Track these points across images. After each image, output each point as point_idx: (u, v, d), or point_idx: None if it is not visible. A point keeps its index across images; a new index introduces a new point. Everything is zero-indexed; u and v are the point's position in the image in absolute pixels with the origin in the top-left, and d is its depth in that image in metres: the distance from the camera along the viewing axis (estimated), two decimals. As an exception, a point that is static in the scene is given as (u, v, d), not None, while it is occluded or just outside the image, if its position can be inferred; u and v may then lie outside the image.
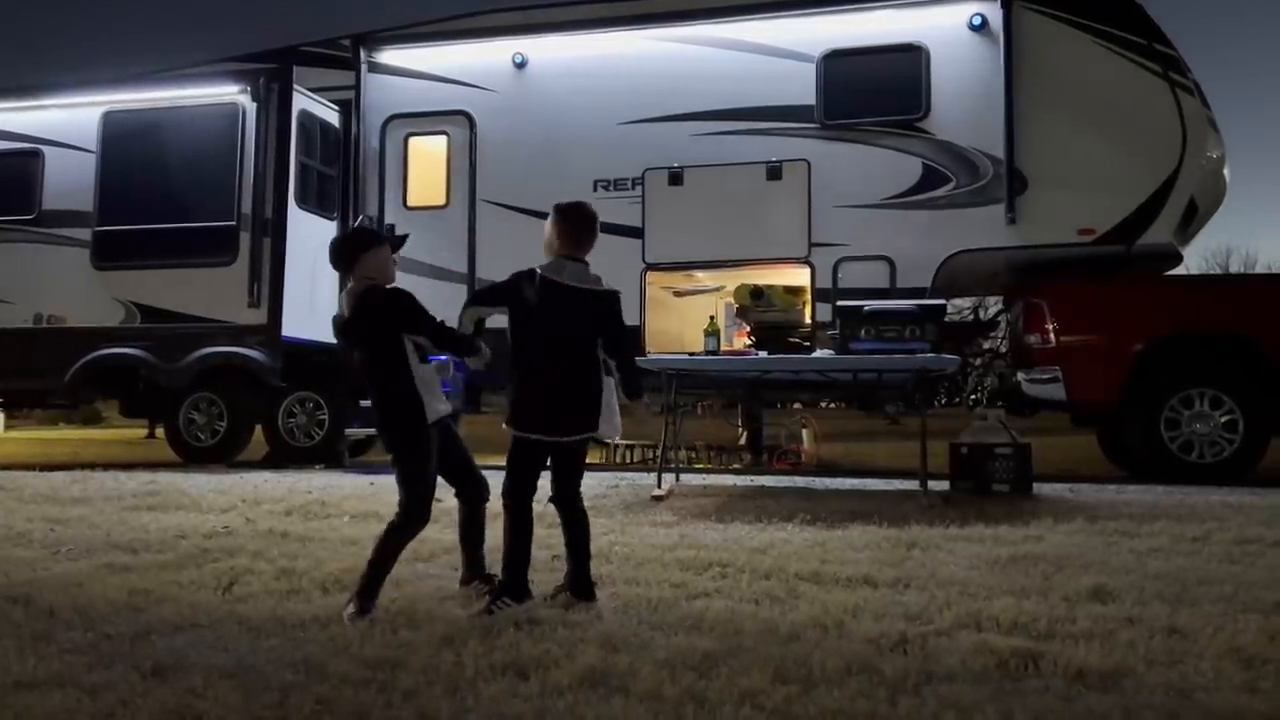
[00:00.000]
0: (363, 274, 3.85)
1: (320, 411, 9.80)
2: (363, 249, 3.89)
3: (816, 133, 8.90)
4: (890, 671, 2.82)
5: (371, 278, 3.85)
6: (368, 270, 3.85)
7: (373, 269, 3.86)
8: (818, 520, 5.62)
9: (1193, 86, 8.22)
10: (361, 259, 3.85)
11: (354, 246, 3.93)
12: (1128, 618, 3.41)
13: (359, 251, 3.88)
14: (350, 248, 3.92)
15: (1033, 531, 5.16)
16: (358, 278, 3.85)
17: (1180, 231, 8.49)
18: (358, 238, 4.14)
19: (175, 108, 9.89)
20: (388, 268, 3.92)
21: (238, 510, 6.32)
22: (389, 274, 3.92)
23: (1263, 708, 2.50)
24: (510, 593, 3.67)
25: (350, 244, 3.97)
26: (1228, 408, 7.63)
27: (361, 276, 3.84)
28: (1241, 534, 4.95)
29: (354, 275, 3.86)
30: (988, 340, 13.72)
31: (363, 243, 3.96)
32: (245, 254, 9.53)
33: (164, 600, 3.87)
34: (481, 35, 9.79)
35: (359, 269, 3.85)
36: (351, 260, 3.86)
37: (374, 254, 3.88)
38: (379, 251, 3.89)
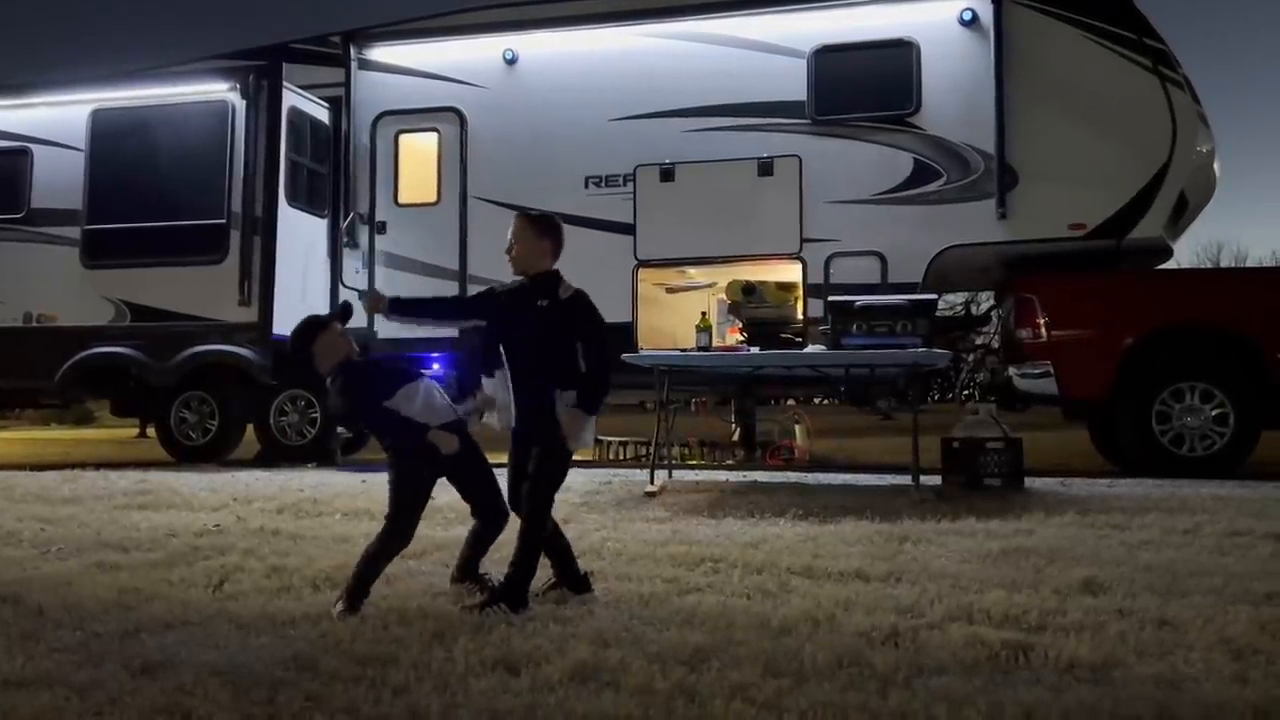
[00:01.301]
0: (325, 362, 3.81)
1: (312, 410, 9.77)
2: (310, 342, 3.82)
3: (808, 128, 8.90)
4: (881, 664, 2.82)
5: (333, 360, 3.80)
6: (326, 358, 3.81)
7: (329, 355, 3.81)
8: (810, 515, 5.62)
9: (1183, 81, 8.24)
10: (314, 352, 3.80)
11: (301, 343, 3.84)
12: (1118, 610, 3.42)
13: (308, 345, 3.81)
14: (299, 345, 3.84)
15: (1024, 525, 5.17)
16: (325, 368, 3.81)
17: (1170, 226, 8.51)
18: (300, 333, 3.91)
19: (164, 105, 9.84)
20: (339, 347, 3.83)
21: (229, 508, 6.31)
22: (341, 352, 3.83)
23: (1253, 698, 2.50)
24: (509, 600, 3.60)
25: (297, 341, 3.86)
26: (1218, 401, 7.65)
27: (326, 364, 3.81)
28: (1231, 526, 4.97)
29: (319, 366, 3.82)
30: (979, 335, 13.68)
31: (308, 335, 3.85)
32: (236, 252, 9.49)
33: (154, 598, 3.86)
34: (472, 32, 9.76)
35: (319, 360, 3.81)
36: (308, 356, 3.81)
37: (320, 342, 3.81)
38: (324, 337, 3.82)
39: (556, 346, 3.82)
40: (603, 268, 9.04)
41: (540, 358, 3.83)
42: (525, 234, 3.99)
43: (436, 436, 3.72)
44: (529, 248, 3.97)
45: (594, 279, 9.72)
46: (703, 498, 6.47)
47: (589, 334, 3.87)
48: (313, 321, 3.93)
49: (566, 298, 3.88)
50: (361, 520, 5.59)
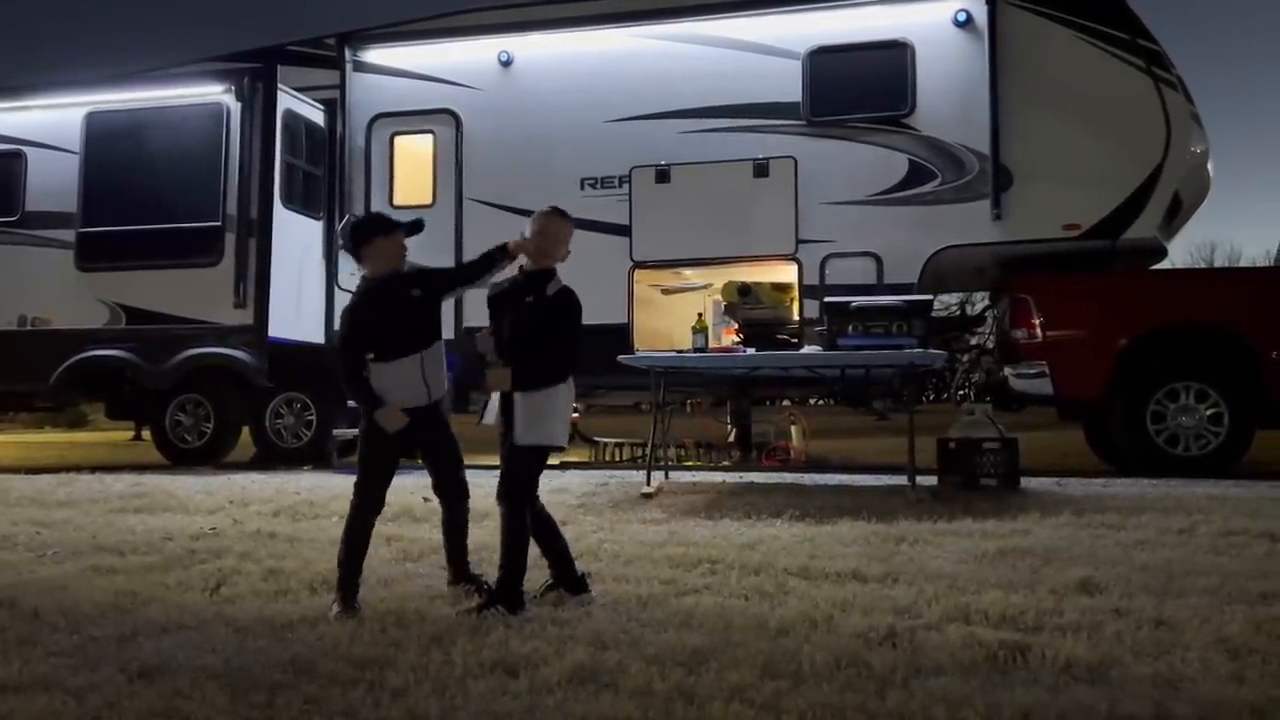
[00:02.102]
0: (371, 265, 3.91)
1: (308, 412, 9.77)
2: (366, 239, 3.92)
3: (803, 130, 8.90)
4: (879, 665, 2.82)
5: (378, 268, 3.90)
6: (375, 262, 3.91)
7: (378, 260, 3.91)
8: (806, 516, 5.62)
9: (1176, 81, 8.26)
10: (364, 251, 3.91)
11: (358, 235, 3.96)
12: (1115, 610, 3.43)
13: (362, 242, 3.92)
14: (356, 235, 3.96)
15: (1020, 525, 5.18)
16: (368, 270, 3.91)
17: (1164, 226, 8.53)
18: (362, 225, 4.08)
19: (159, 108, 9.82)
20: (393, 258, 3.95)
21: (225, 511, 6.30)
22: (389, 264, 3.95)
23: (1249, 698, 2.51)
24: (505, 601, 3.60)
25: (356, 232, 3.99)
26: (1213, 401, 7.67)
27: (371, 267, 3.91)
28: (1227, 526, 4.98)
29: (364, 265, 3.91)
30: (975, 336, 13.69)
31: (368, 231, 3.97)
32: (231, 254, 9.48)
33: (151, 602, 3.85)
34: (467, 34, 9.76)
35: (366, 261, 3.91)
36: (357, 252, 3.93)
37: (377, 244, 3.92)
38: (382, 241, 3.93)
39: (532, 344, 3.79)
40: (599, 269, 9.02)
41: (514, 355, 3.81)
42: (562, 229, 4.01)
43: (382, 415, 3.79)
44: (557, 242, 3.99)
45: (590, 280, 9.72)
46: (699, 499, 6.48)
47: (555, 326, 3.82)
48: (379, 219, 4.04)
49: (553, 294, 3.87)
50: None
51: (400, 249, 3.95)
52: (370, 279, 3.94)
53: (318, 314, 9.86)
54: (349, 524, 3.83)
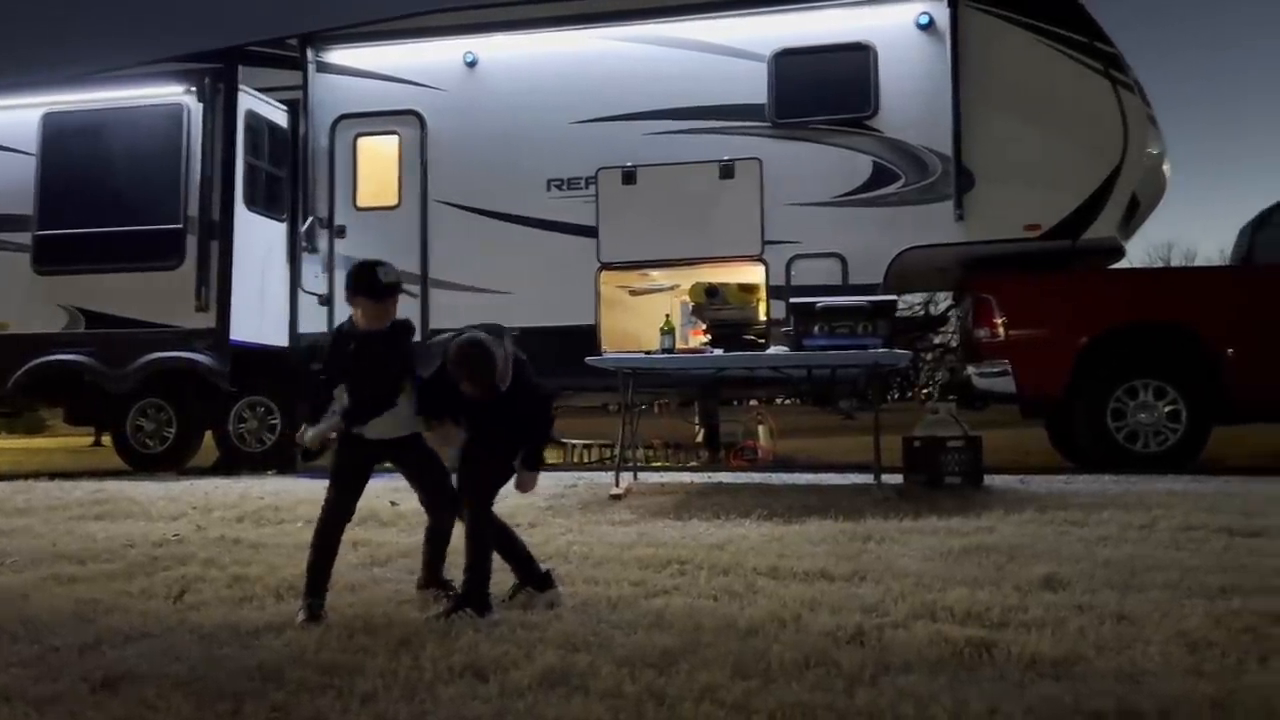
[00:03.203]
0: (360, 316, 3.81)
1: (272, 416, 9.67)
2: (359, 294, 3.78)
3: (768, 131, 8.95)
4: (847, 664, 2.84)
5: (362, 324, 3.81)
6: (359, 313, 3.80)
7: (362, 314, 3.80)
8: (775, 515, 5.65)
9: (1133, 84, 8.40)
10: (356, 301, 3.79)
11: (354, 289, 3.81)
12: (1078, 605, 3.47)
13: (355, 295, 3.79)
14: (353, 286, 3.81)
15: (985, 523, 5.23)
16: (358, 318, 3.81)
17: (1123, 226, 8.67)
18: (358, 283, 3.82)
19: (117, 108, 9.68)
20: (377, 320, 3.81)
21: (188, 517, 6.22)
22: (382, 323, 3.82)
23: (1209, 691, 2.56)
24: (473, 604, 3.59)
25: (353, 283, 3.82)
26: (1171, 398, 7.81)
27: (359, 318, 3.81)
28: (1186, 521, 5.06)
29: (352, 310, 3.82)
30: (938, 335, 13.87)
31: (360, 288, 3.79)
32: (192, 257, 9.35)
33: (113, 610, 3.80)
34: (431, 34, 9.72)
35: (353, 307, 3.81)
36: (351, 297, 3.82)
37: (368, 303, 3.77)
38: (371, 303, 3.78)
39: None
40: (565, 270, 9.06)
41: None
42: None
43: (308, 434, 3.79)
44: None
45: (557, 282, 9.76)
46: (668, 499, 6.49)
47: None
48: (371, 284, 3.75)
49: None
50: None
51: (384, 314, 3.79)
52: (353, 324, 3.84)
53: (281, 317, 9.76)
54: (318, 530, 3.80)
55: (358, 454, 3.82)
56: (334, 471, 3.86)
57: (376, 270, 3.76)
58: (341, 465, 3.85)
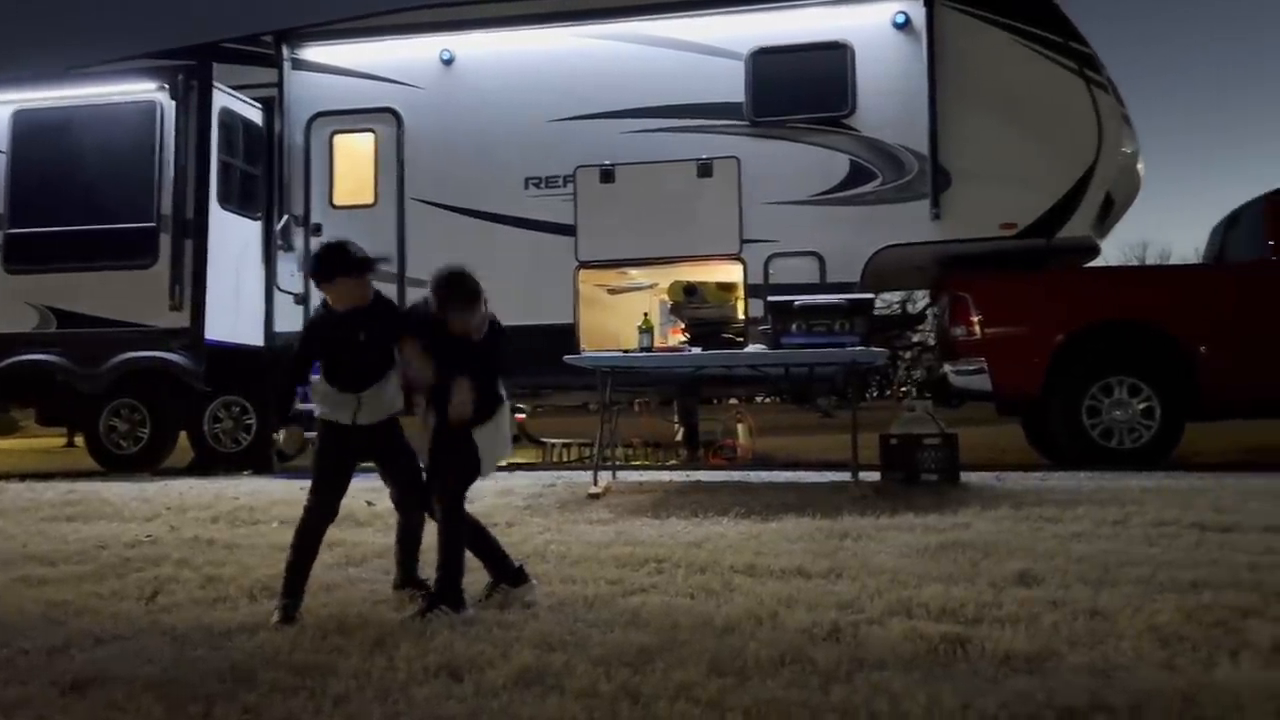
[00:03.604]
0: (337, 300, 3.77)
1: (247, 416, 9.60)
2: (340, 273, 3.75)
3: (746, 130, 8.97)
4: (823, 660, 2.85)
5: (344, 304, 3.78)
6: (340, 294, 3.77)
7: (345, 295, 3.77)
8: (752, 513, 5.66)
9: (1107, 83, 8.47)
10: (337, 282, 3.74)
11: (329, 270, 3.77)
12: (1052, 601, 3.49)
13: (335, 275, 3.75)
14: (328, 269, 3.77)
15: (961, 519, 5.26)
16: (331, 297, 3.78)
17: (1098, 225, 8.74)
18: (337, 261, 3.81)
19: (90, 106, 9.57)
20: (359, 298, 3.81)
21: (162, 518, 6.16)
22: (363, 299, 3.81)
23: (1180, 685, 2.58)
24: (447, 601, 3.58)
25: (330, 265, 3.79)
26: (1145, 395, 7.87)
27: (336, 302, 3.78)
28: (1159, 517, 5.11)
29: (328, 294, 3.78)
30: (915, 333, 13.93)
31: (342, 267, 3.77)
32: (166, 255, 9.27)
33: (84, 612, 3.75)
34: (407, 31, 9.67)
35: (331, 291, 3.76)
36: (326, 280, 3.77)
37: (350, 281, 3.76)
38: (352, 280, 3.77)
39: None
40: (544, 269, 9.04)
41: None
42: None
43: (285, 435, 3.82)
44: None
45: (535, 280, 9.72)
46: (646, 498, 6.48)
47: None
48: (345, 259, 3.75)
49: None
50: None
51: (364, 289, 3.79)
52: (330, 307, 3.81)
53: (256, 316, 9.70)
54: (299, 530, 3.76)
55: (341, 448, 3.79)
56: (317, 469, 3.83)
57: (348, 247, 3.77)
58: (325, 463, 3.82)
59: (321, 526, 3.79)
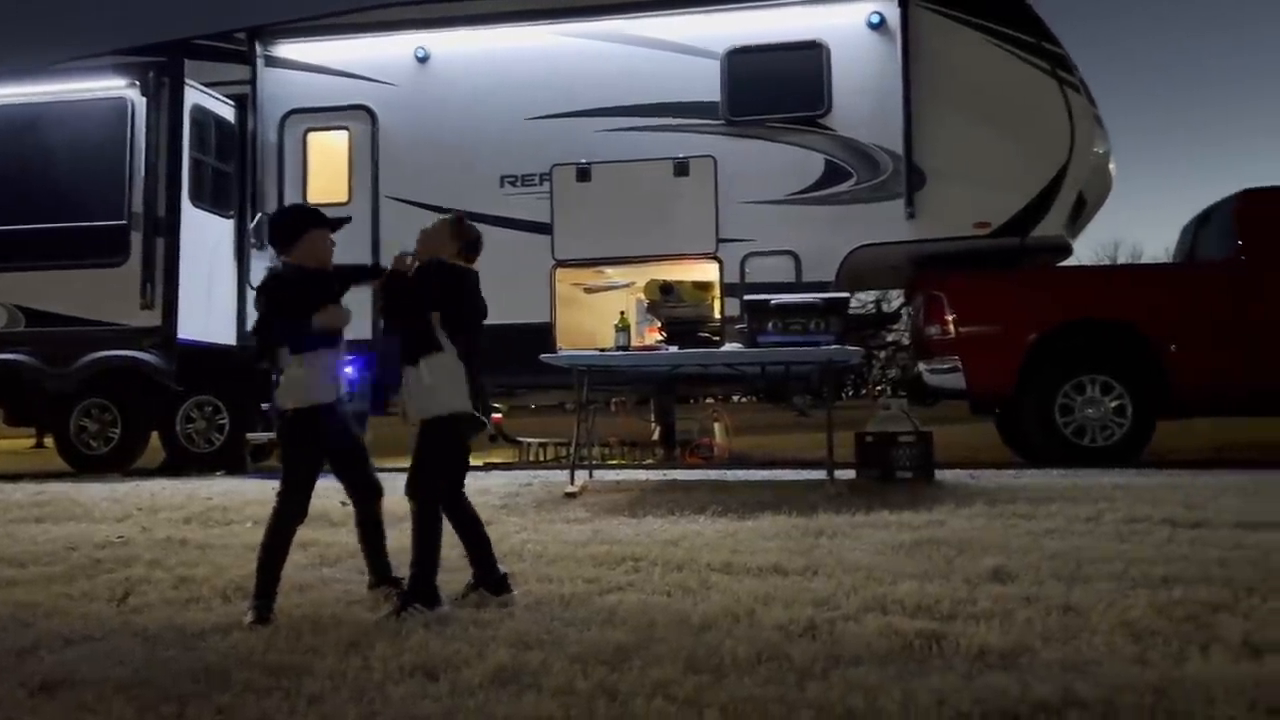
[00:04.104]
0: (300, 258, 3.81)
1: (220, 416, 9.51)
2: (300, 233, 3.82)
3: (722, 129, 8.98)
4: (799, 657, 2.86)
5: (308, 261, 3.81)
6: (304, 255, 3.80)
7: (307, 254, 3.81)
8: (729, 512, 5.67)
9: (1079, 84, 8.55)
10: (306, 238, 3.81)
11: (292, 228, 3.86)
12: (1026, 597, 3.52)
13: (296, 235, 3.82)
14: (289, 229, 3.86)
15: (935, 516, 5.29)
16: (299, 258, 3.81)
17: (1070, 224, 8.82)
18: (296, 217, 4.00)
19: (59, 102, 9.45)
20: (320, 254, 3.87)
21: (133, 519, 6.09)
22: (317, 259, 3.85)
23: (1151, 679, 2.60)
24: (421, 599, 3.58)
25: (289, 224, 3.90)
26: (1117, 393, 7.95)
27: (300, 259, 3.81)
28: (1131, 513, 5.16)
29: (294, 255, 3.81)
30: (890, 332, 13.97)
31: (303, 225, 3.86)
32: (137, 254, 9.16)
33: (54, 613, 3.71)
34: (382, 29, 9.61)
35: (296, 253, 3.80)
36: (286, 244, 3.83)
37: (312, 237, 3.83)
38: (317, 235, 3.84)
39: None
40: (520, 268, 9.00)
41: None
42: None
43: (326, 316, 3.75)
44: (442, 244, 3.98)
45: (512, 279, 9.70)
46: (623, 497, 6.48)
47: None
48: (314, 213, 3.90)
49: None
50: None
51: (331, 244, 3.88)
52: (294, 267, 3.83)
53: (229, 315, 9.61)
54: (270, 531, 3.73)
55: (318, 438, 3.77)
56: (292, 465, 3.78)
57: (307, 205, 3.83)
58: (300, 457, 3.78)
59: (294, 526, 3.77)
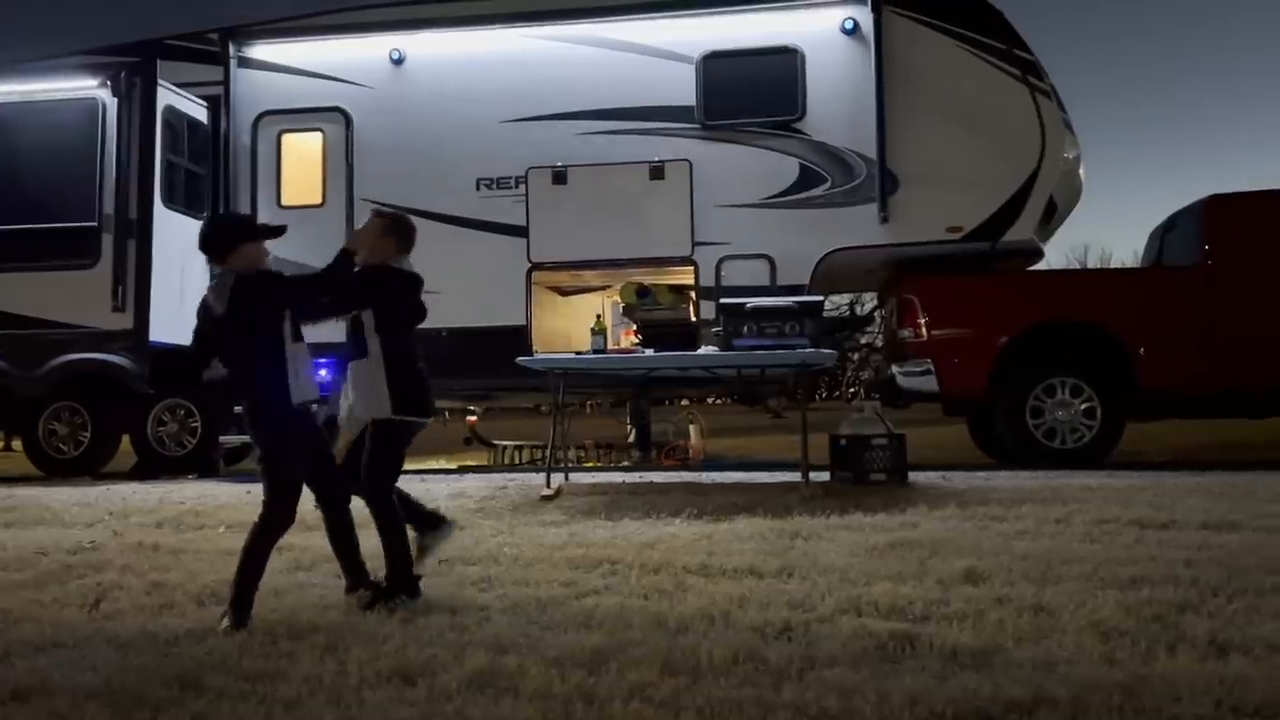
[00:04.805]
0: (238, 264, 3.78)
1: (192, 419, 9.42)
2: (234, 245, 3.80)
3: (698, 133, 9.00)
4: (775, 659, 2.88)
5: (244, 269, 3.78)
6: (244, 262, 3.78)
7: (245, 262, 3.78)
8: (704, 514, 5.69)
9: (1049, 90, 8.65)
10: (241, 249, 3.79)
11: (224, 240, 3.84)
12: (997, 598, 3.57)
13: (230, 246, 3.80)
14: (222, 239, 3.84)
15: (908, 518, 5.34)
16: (234, 266, 3.78)
17: (1041, 228, 8.91)
18: (242, 228, 4.01)
19: (28, 102, 9.34)
20: (263, 260, 3.86)
21: (104, 524, 6.03)
22: (256, 265, 3.85)
23: (1120, 678, 2.65)
24: (404, 590, 3.69)
25: (222, 235, 3.89)
26: (1087, 395, 8.05)
27: (240, 267, 3.77)
28: (1100, 515, 5.23)
29: (228, 263, 3.79)
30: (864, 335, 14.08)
31: (236, 237, 3.85)
32: (108, 256, 9.07)
33: (24, 620, 3.68)
34: (357, 30, 9.56)
35: (234, 259, 3.78)
36: (221, 255, 3.80)
37: (255, 246, 3.83)
38: (251, 248, 3.83)
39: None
40: (496, 270, 8.99)
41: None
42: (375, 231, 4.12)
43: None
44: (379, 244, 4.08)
45: (487, 282, 9.65)
46: (599, 500, 6.48)
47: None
48: (246, 225, 3.97)
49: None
50: (247, 533, 5.41)
51: (264, 253, 3.87)
52: (236, 274, 3.80)
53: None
54: (255, 538, 3.67)
55: (302, 439, 3.78)
56: (287, 470, 3.72)
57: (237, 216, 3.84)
58: (293, 460, 3.74)
59: (281, 534, 3.75)
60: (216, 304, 3.75)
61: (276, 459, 3.73)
